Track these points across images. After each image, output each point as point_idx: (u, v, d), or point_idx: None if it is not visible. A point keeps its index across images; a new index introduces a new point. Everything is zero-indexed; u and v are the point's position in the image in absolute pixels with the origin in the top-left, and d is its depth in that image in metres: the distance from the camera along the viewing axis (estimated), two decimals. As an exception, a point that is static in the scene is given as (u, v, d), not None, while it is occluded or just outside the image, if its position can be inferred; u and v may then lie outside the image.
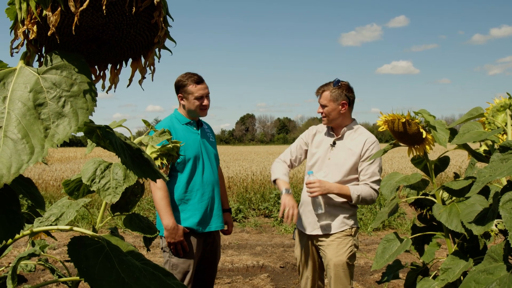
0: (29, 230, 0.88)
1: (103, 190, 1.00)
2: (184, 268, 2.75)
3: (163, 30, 0.72)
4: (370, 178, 2.77)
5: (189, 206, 2.80)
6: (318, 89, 2.91)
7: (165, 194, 2.70)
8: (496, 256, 1.25)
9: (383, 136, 39.83)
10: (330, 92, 2.83)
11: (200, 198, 2.82)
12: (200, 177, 2.84)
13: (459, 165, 14.19)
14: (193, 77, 2.89)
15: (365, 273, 5.05)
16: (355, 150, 2.80)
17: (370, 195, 2.75)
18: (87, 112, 0.65)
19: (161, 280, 0.80)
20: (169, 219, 2.67)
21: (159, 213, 2.70)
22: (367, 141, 2.81)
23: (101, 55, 0.75)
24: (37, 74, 0.65)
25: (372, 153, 2.78)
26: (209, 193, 2.86)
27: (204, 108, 2.91)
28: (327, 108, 2.84)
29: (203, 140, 2.95)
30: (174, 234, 2.68)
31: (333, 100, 2.83)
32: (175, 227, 2.68)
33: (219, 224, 2.93)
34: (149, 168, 0.81)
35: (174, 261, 2.75)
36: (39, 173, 13.50)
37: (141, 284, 0.77)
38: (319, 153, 2.91)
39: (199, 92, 2.86)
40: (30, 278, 4.73)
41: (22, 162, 0.60)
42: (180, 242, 2.71)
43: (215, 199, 2.91)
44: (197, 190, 2.81)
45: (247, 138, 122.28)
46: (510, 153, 1.21)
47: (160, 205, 2.68)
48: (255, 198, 9.57)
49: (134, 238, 6.56)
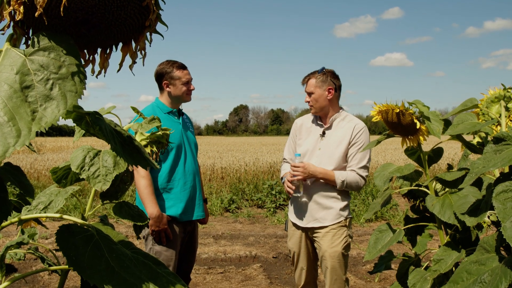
0: (17, 217, 0.86)
1: (93, 177, 0.98)
2: (168, 255, 2.77)
3: (155, 13, 0.70)
4: (357, 164, 2.77)
5: (172, 195, 2.81)
6: (304, 78, 2.93)
7: (149, 182, 2.71)
8: (488, 247, 1.25)
9: (376, 128, 39.89)
10: (316, 79, 2.84)
11: (182, 187, 2.83)
12: (183, 166, 2.86)
13: (452, 157, 14.27)
14: (177, 63, 2.92)
15: (358, 263, 5.07)
16: (344, 138, 2.79)
17: (356, 182, 2.75)
18: (76, 95, 0.63)
19: (151, 268, 0.79)
20: (154, 207, 2.68)
21: (143, 201, 2.71)
22: (356, 127, 2.81)
23: (90, 39, 0.73)
24: (23, 56, 0.63)
25: (361, 139, 2.79)
26: (191, 182, 2.88)
27: (190, 93, 2.96)
28: (314, 95, 2.84)
29: (184, 129, 2.96)
30: (158, 222, 2.69)
31: (319, 86, 2.83)
32: (159, 215, 2.69)
33: (200, 213, 2.96)
34: (140, 155, 0.79)
35: (157, 249, 2.77)
36: (31, 163, 13.41)
37: (131, 273, 0.76)
38: (308, 143, 2.90)
39: (186, 77, 2.90)
40: (22, 267, 4.71)
41: (8, 145, 0.58)
42: (164, 230, 2.72)
43: (197, 188, 2.93)
44: (179, 179, 2.83)
45: (241, 129, 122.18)
46: (503, 144, 1.21)
47: (144, 193, 2.69)
48: (248, 188, 9.57)
49: (127, 228, 6.54)
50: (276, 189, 8.82)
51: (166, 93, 2.93)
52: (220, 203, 8.40)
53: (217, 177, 11.45)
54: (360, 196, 8.79)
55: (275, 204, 8.41)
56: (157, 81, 2.96)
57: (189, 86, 2.93)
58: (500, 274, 1.11)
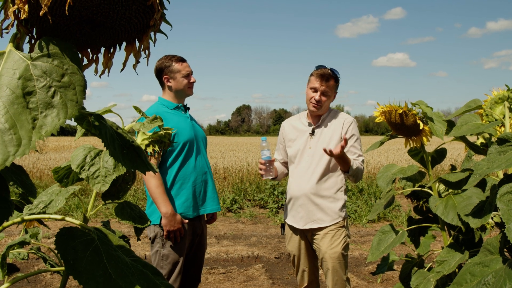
0: (20, 217, 0.86)
1: (92, 178, 0.97)
2: (175, 259, 2.71)
3: (159, 13, 0.70)
4: (358, 157, 2.77)
5: (183, 191, 2.76)
6: (323, 75, 2.75)
7: (160, 182, 2.65)
8: (492, 249, 1.25)
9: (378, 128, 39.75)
10: (335, 83, 2.80)
11: (193, 182, 2.78)
12: (194, 161, 2.80)
13: (455, 158, 14.23)
14: (175, 57, 2.86)
15: (360, 264, 5.06)
16: (335, 134, 2.77)
17: (361, 171, 2.74)
18: (76, 104, 0.62)
19: (149, 278, 0.78)
20: (167, 207, 2.63)
21: (156, 201, 2.65)
22: (346, 122, 2.80)
23: (94, 38, 0.72)
24: (27, 60, 0.62)
25: (353, 132, 2.78)
26: (202, 176, 2.84)
27: (191, 86, 2.90)
28: (329, 98, 2.79)
29: (193, 122, 2.92)
30: (173, 222, 2.63)
31: (334, 90, 2.81)
32: (173, 214, 2.64)
33: (215, 206, 2.91)
34: (139, 159, 0.78)
35: (164, 252, 2.70)
36: (33, 162, 13.44)
37: (128, 282, 0.74)
38: (298, 144, 2.87)
39: (186, 70, 2.85)
40: (24, 267, 4.71)
41: (8, 154, 0.57)
42: (179, 230, 2.67)
43: (209, 182, 2.89)
44: (191, 174, 2.78)
45: (243, 129, 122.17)
46: (508, 145, 1.20)
47: (156, 193, 2.63)
48: (251, 189, 9.56)
49: (129, 228, 6.55)
50: (278, 190, 8.81)
51: (168, 89, 2.88)
52: (223, 203, 8.40)
53: (220, 177, 11.45)
54: (363, 197, 8.78)
55: (278, 205, 8.41)
56: (158, 77, 2.91)
57: (190, 79, 2.87)
58: (504, 276, 1.11)
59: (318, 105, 2.78)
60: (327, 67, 2.80)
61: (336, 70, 2.80)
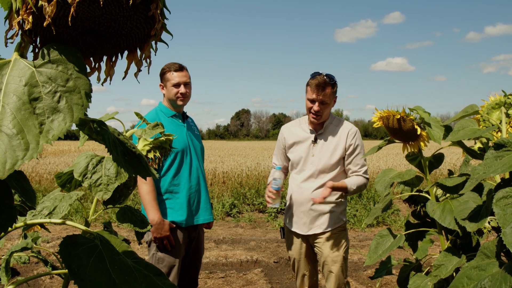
0: (23, 222, 0.87)
1: (95, 186, 0.98)
2: (170, 262, 2.72)
3: (160, 23, 0.71)
4: (361, 168, 2.78)
5: (177, 200, 2.76)
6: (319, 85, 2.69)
7: (151, 188, 2.66)
8: (488, 253, 1.26)
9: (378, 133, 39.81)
10: (332, 89, 2.73)
11: (187, 191, 2.78)
12: (188, 170, 2.80)
13: (454, 163, 14.25)
14: (174, 66, 2.84)
15: (359, 269, 5.07)
16: (339, 143, 2.78)
17: (364, 184, 2.77)
18: (82, 108, 0.64)
19: (151, 280, 0.79)
20: (155, 214, 2.64)
21: (145, 207, 2.66)
22: (350, 133, 2.80)
23: (96, 47, 0.74)
24: (32, 68, 0.64)
25: (357, 143, 2.79)
26: (196, 186, 2.83)
27: (181, 97, 2.83)
28: (328, 107, 2.76)
29: (189, 132, 2.91)
30: (160, 229, 2.64)
31: (332, 97, 2.77)
32: (160, 222, 2.64)
33: (207, 216, 2.90)
34: (141, 165, 0.80)
35: (160, 255, 2.72)
36: (32, 166, 13.44)
37: (132, 287, 0.75)
38: (301, 150, 2.85)
39: (176, 79, 2.80)
40: (24, 271, 4.72)
41: (17, 159, 0.59)
42: (167, 237, 2.68)
43: (202, 192, 2.88)
44: (185, 183, 2.78)
45: (242, 133, 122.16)
46: (504, 150, 1.22)
47: (146, 199, 2.64)
48: (250, 193, 9.57)
49: (128, 232, 6.54)
50: (277, 194, 8.79)
51: (164, 96, 2.90)
52: (222, 208, 8.40)
53: (219, 181, 11.46)
54: (361, 201, 8.78)
55: (277, 209, 8.41)
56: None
57: (180, 89, 2.81)
58: (500, 280, 1.12)
59: (318, 115, 2.77)
60: (322, 73, 2.73)
61: (331, 75, 2.73)
